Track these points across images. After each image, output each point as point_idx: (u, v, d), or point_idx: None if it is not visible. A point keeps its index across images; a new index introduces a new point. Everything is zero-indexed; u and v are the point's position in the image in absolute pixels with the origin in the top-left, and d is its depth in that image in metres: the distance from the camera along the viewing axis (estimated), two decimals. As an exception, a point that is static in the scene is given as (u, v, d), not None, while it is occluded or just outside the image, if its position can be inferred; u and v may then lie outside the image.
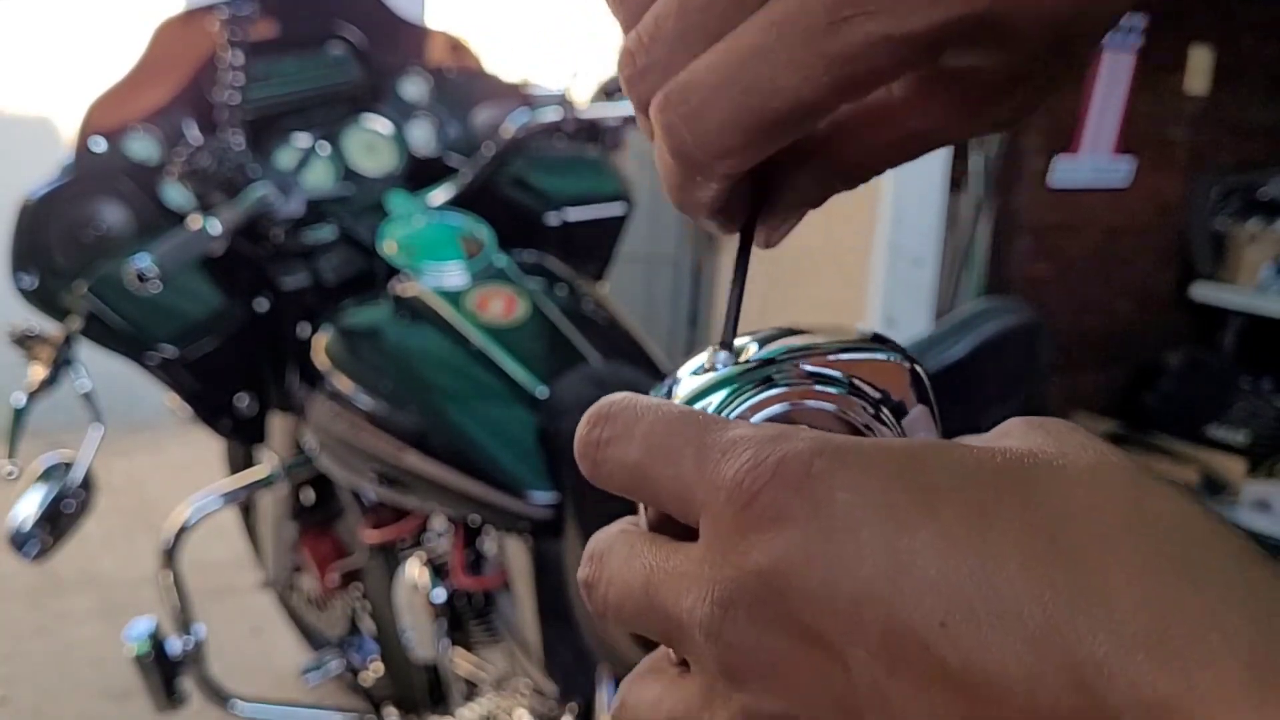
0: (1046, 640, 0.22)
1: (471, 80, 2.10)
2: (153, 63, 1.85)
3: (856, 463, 0.26)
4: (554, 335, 1.61)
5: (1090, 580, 0.23)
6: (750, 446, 0.27)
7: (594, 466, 0.31)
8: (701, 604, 0.26)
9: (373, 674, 2.14)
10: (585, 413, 0.32)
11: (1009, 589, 0.23)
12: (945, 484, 0.25)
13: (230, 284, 1.79)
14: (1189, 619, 0.21)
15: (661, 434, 0.29)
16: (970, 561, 0.23)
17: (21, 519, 1.72)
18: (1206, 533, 0.23)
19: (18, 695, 2.64)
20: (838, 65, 0.26)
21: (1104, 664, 0.22)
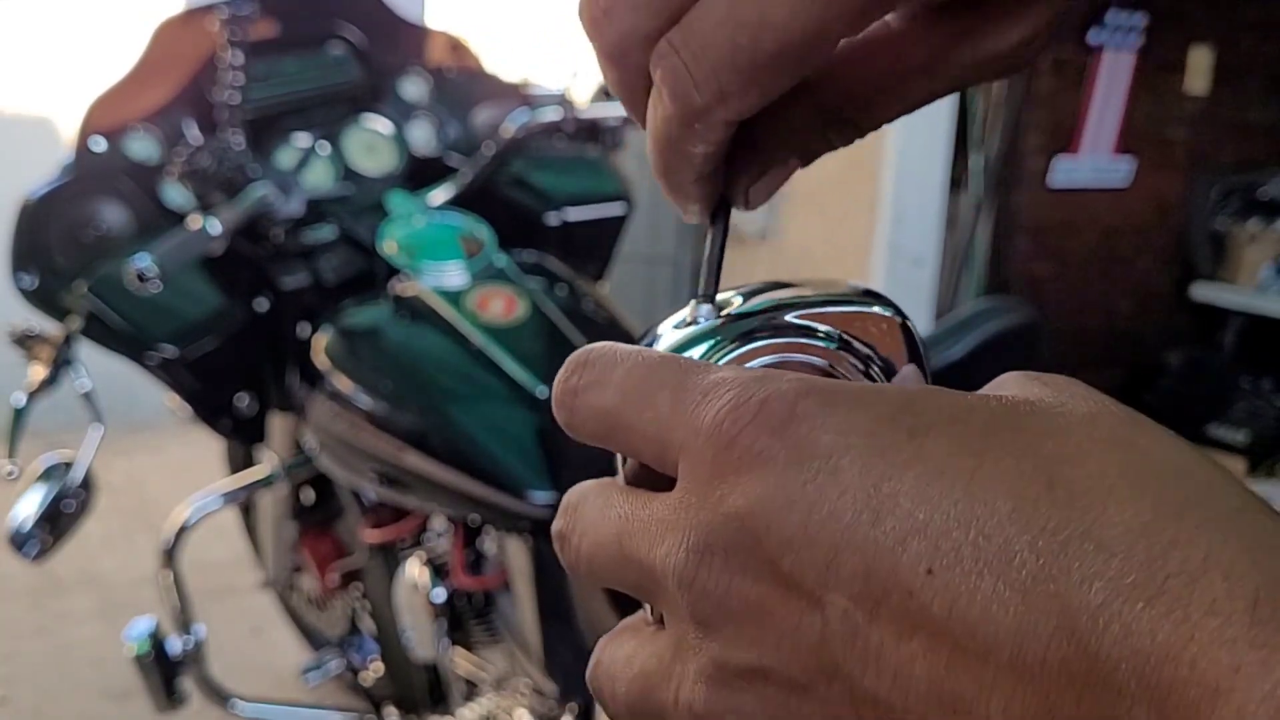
0: (1038, 588, 0.21)
1: (471, 80, 2.10)
2: (153, 62, 1.85)
3: (844, 404, 0.25)
4: (554, 335, 1.61)
5: (1086, 525, 0.21)
6: (732, 388, 0.26)
7: (569, 414, 0.30)
8: (676, 551, 0.25)
9: (373, 674, 2.14)
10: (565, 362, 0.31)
11: (999, 534, 0.22)
12: (935, 425, 0.24)
13: (230, 284, 1.79)
14: (1190, 565, 0.20)
15: (639, 378, 0.28)
16: (960, 505, 0.22)
17: (21, 519, 1.73)
18: (1207, 479, 0.22)
19: (18, 695, 2.64)
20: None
21: (1099, 613, 0.21)
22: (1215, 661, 0.19)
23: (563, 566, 0.31)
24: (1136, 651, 0.20)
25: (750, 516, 0.24)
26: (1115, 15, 3.51)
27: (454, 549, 1.63)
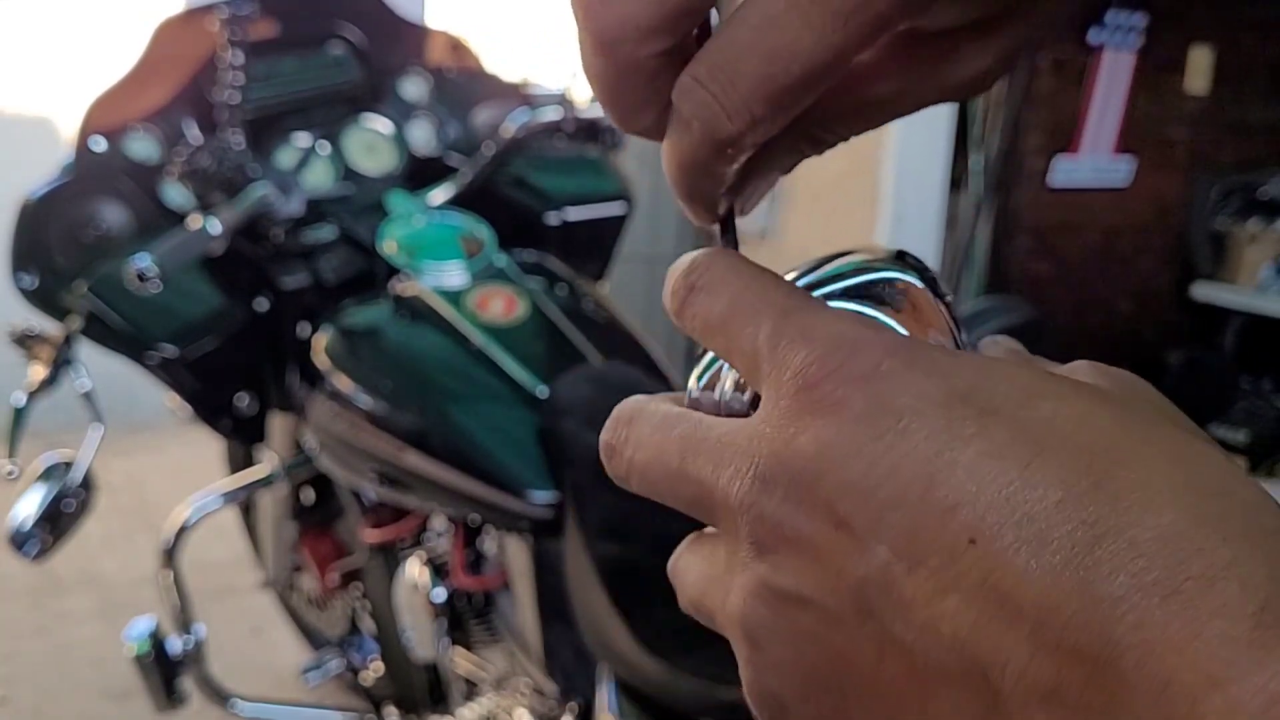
0: (1067, 572, 0.23)
1: (471, 80, 2.11)
2: (152, 62, 1.86)
3: (925, 368, 0.26)
4: (554, 335, 1.62)
5: (1123, 525, 0.23)
6: (827, 336, 0.27)
7: (680, 307, 0.31)
8: (743, 475, 0.27)
9: (373, 674, 2.14)
10: (678, 262, 0.32)
11: (1043, 519, 0.23)
12: (1004, 408, 0.25)
13: (230, 284, 1.80)
14: (1209, 571, 0.22)
15: (753, 296, 0.29)
16: (1012, 488, 0.24)
17: (22, 519, 1.73)
18: (1247, 499, 0.23)
19: (18, 695, 2.65)
20: (849, 18, 0.27)
21: (1119, 603, 0.22)
22: (1214, 656, 0.21)
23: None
24: (1146, 641, 0.22)
25: (818, 458, 0.26)
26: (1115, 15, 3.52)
27: (454, 549, 1.63)
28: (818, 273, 0.33)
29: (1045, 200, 3.62)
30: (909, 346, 0.27)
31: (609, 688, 1.44)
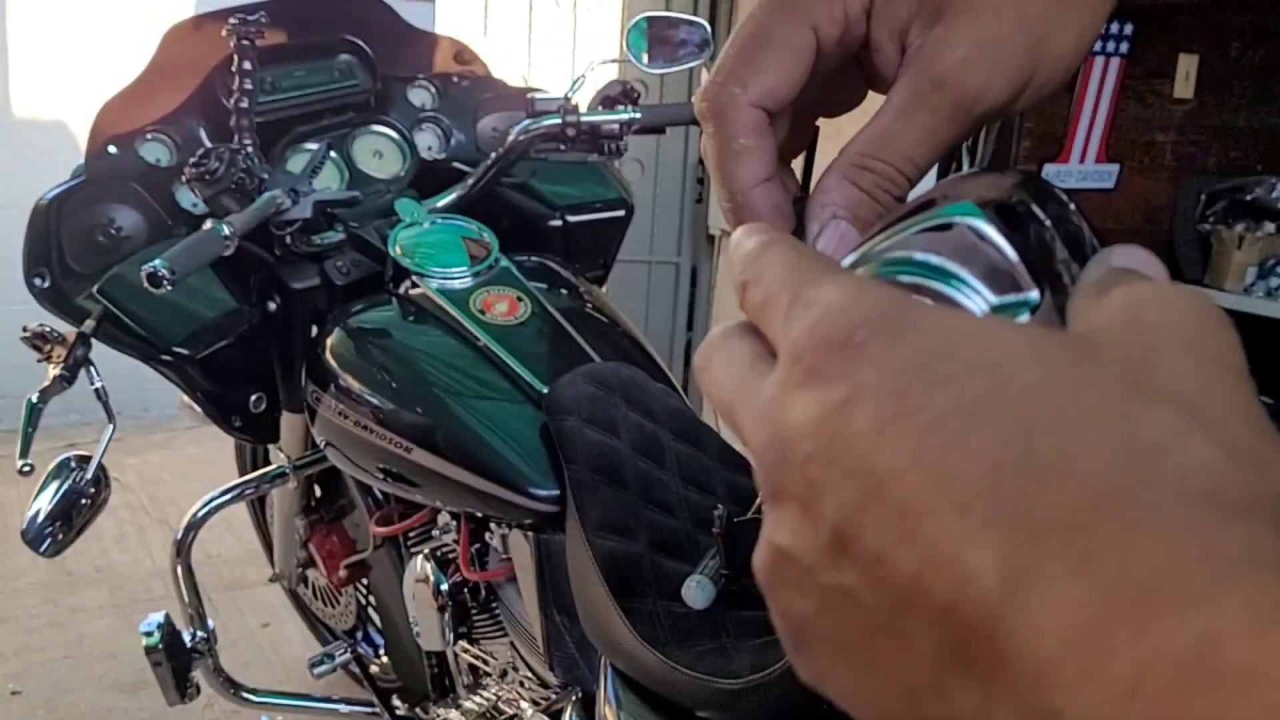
0: (980, 537, 0.23)
1: (477, 87, 2.12)
2: (163, 68, 1.87)
3: (892, 336, 0.26)
4: (556, 336, 1.64)
5: (1034, 499, 0.23)
6: (819, 307, 0.28)
7: (741, 303, 0.34)
8: (757, 439, 0.30)
9: (380, 666, 2.17)
10: (742, 248, 0.35)
11: (963, 493, 0.24)
12: (954, 379, 0.25)
13: (241, 286, 1.81)
14: (1096, 550, 0.22)
15: (777, 280, 0.31)
16: (942, 463, 0.24)
17: (36, 515, 1.75)
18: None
19: (31, 689, 2.67)
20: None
21: (1006, 581, 0.22)
22: (1080, 643, 0.21)
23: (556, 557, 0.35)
24: (1024, 623, 0.22)
25: (795, 429, 0.27)
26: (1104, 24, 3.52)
27: (460, 543, 1.65)
28: (883, 233, 0.35)
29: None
30: (886, 313, 0.27)
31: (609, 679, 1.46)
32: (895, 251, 0.33)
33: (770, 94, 0.41)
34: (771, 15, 0.41)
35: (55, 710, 2.59)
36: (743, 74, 0.41)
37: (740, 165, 0.42)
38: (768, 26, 0.41)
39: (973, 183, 0.34)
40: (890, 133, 0.40)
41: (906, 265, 0.32)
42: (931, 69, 0.39)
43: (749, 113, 0.41)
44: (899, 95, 0.40)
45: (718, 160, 0.42)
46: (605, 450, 1.40)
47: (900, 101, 0.40)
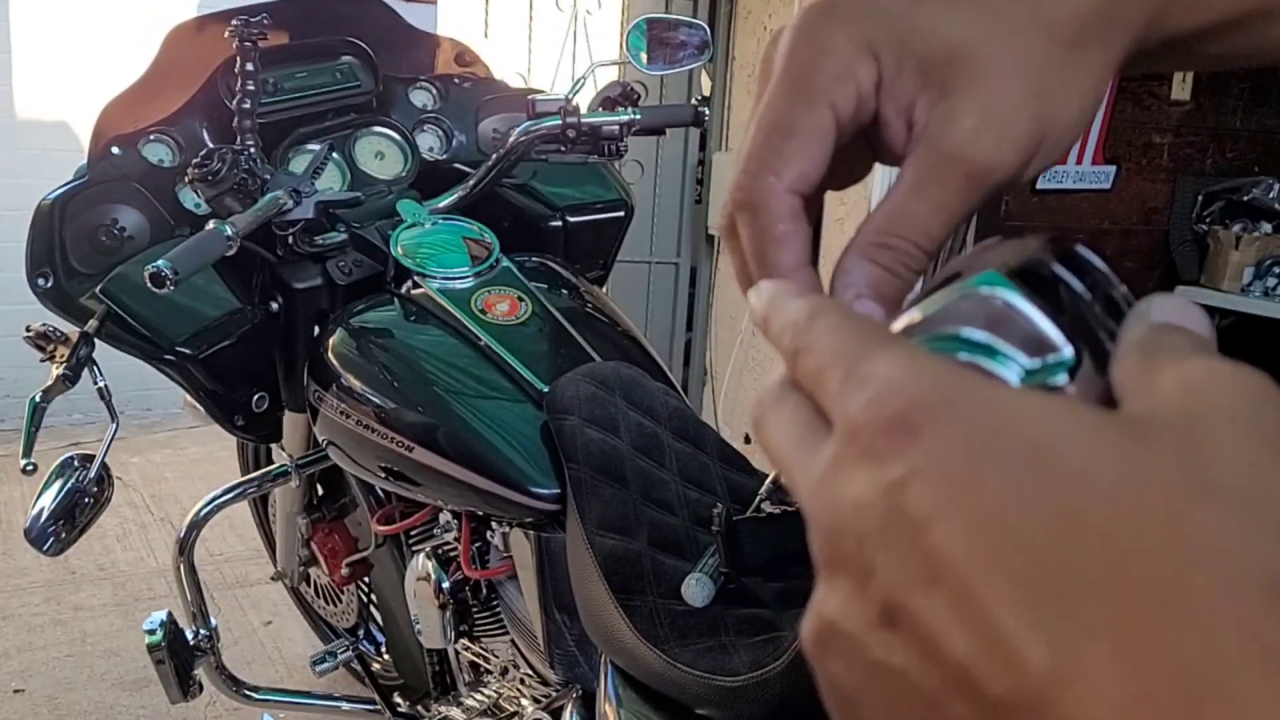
0: (990, 631, 0.24)
1: (478, 88, 2.13)
2: (165, 69, 1.87)
3: (944, 421, 0.27)
4: (557, 335, 1.64)
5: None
6: (874, 384, 0.29)
7: (793, 372, 0.34)
8: (810, 506, 0.30)
9: (382, 663, 2.17)
10: (787, 314, 0.35)
11: (997, 589, 0.24)
12: (1004, 466, 0.25)
13: (244, 286, 1.82)
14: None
15: (829, 353, 0.31)
16: (986, 555, 0.25)
17: (39, 514, 1.76)
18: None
19: (35, 687, 2.68)
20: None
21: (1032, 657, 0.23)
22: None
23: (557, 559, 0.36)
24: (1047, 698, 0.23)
25: (850, 505, 0.28)
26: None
27: (461, 542, 1.65)
28: (922, 303, 0.35)
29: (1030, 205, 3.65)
30: (940, 392, 0.27)
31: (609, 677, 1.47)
32: (933, 328, 0.33)
33: (803, 179, 0.41)
34: (791, 101, 0.41)
35: (58, 708, 2.60)
36: (775, 163, 0.41)
37: (782, 252, 0.42)
38: (789, 113, 0.41)
39: (997, 251, 0.35)
40: (905, 209, 0.40)
41: (944, 341, 0.32)
42: (941, 143, 0.40)
43: (786, 200, 0.41)
44: (910, 171, 0.40)
45: (757, 249, 0.42)
46: (605, 449, 1.41)
47: (912, 177, 0.40)
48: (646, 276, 3.98)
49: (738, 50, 3.83)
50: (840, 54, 0.40)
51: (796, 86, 0.41)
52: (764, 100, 0.42)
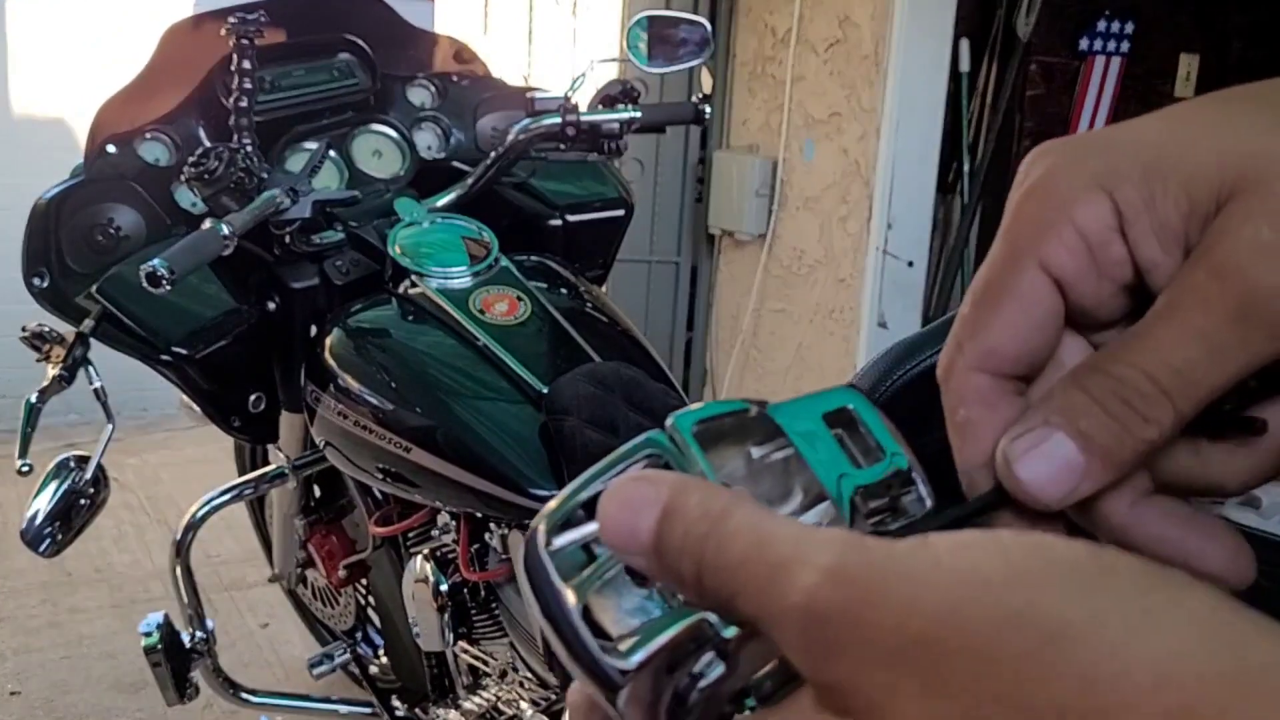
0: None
1: (477, 86, 2.12)
2: (162, 67, 1.86)
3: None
4: (556, 335, 1.64)
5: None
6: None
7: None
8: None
9: (379, 666, 2.17)
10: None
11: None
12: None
13: (240, 285, 1.81)
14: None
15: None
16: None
17: (35, 516, 1.75)
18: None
19: (31, 689, 2.67)
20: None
21: None
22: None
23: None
24: None
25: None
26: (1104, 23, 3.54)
27: (459, 543, 1.65)
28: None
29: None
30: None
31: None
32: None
33: (992, 356, 0.34)
34: (1000, 261, 0.34)
35: (55, 710, 2.59)
36: (962, 334, 0.35)
37: (962, 442, 0.35)
38: (997, 276, 0.34)
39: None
40: (1144, 333, 0.32)
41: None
42: (1209, 255, 0.31)
43: (969, 379, 0.35)
44: (1166, 292, 0.32)
45: (949, 433, 0.36)
46: (605, 450, 1.40)
47: (1166, 298, 0.32)
48: (646, 276, 3.97)
49: (738, 47, 3.82)
50: (1054, 198, 0.33)
51: (1006, 244, 0.34)
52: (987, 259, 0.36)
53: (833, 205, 3.51)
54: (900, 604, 0.25)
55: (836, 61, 3.43)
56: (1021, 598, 0.24)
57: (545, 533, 0.31)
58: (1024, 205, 0.34)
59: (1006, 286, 0.34)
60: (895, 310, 3.42)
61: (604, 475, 0.32)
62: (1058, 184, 0.33)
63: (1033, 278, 0.33)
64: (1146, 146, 0.33)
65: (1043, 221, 0.33)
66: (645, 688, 0.29)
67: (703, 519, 0.28)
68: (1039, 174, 0.34)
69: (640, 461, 0.33)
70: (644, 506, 0.29)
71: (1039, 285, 0.33)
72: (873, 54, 3.30)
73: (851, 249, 3.45)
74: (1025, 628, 0.24)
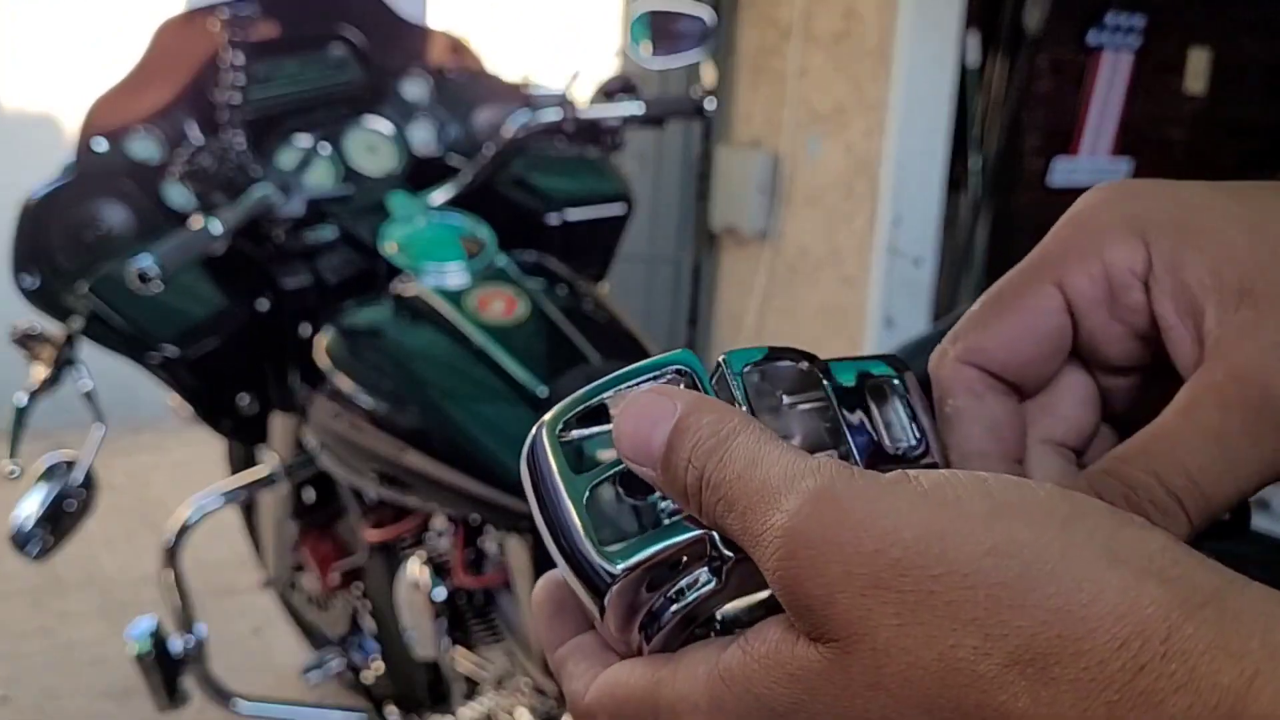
0: None
1: (472, 80, 2.11)
2: (153, 63, 1.86)
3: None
4: (554, 335, 1.62)
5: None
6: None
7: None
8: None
9: (374, 673, 2.15)
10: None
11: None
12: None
13: (231, 284, 1.80)
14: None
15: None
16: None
17: (23, 518, 1.74)
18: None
19: (19, 695, 2.65)
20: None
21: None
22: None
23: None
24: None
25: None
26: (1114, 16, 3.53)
27: (455, 548, 1.64)
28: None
29: (1044, 201, 3.62)
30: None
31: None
32: None
33: (982, 352, 0.36)
34: (1020, 272, 0.37)
35: (44, 716, 2.57)
36: (960, 330, 0.37)
37: (950, 432, 0.36)
38: (1012, 284, 0.37)
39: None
40: (1160, 434, 0.32)
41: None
42: (1229, 357, 0.32)
43: (958, 371, 0.36)
44: (1185, 391, 0.33)
45: (939, 427, 0.37)
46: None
47: (1185, 398, 0.33)
48: (646, 274, 3.95)
49: (740, 40, 3.80)
50: (1089, 228, 0.35)
51: (1031, 259, 0.36)
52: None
53: (837, 202, 3.49)
54: (882, 530, 0.26)
55: (841, 55, 3.41)
56: (1000, 532, 0.26)
57: (553, 424, 0.32)
58: (1060, 230, 0.36)
59: (1018, 294, 0.36)
60: (902, 309, 3.40)
61: (627, 382, 0.32)
62: (1098, 216, 0.35)
63: (1046, 292, 0.36)
64: (1190, 210, 0.34)
65: (1073, 247, 0.35)
66: (629, 597, 0.30)
67: (711, 436, 0.30)
68: (1083, 205, 0.36)
69: (666, 375, 0.33)
70: (660, 419, 0.30)
71: (1049, 301, 0.36)
72: (878, 47, 3.28)
73: (857, 247, 3.43)
74: (1003, 559, 0.25)
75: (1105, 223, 0.35)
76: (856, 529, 0.26)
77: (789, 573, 0.27)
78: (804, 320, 3.64)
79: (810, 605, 0.27)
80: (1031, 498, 0.26)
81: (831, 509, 0.27)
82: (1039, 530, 0.25)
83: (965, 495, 0.27)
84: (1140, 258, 0.34)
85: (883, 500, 0.27)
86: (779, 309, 3.72)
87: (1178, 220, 0.34)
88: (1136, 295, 0.34)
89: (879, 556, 0.26)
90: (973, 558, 0.25)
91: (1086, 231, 0.35)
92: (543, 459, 0.32)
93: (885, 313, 3.38)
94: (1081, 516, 0.26)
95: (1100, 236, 0.35)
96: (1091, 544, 0.25)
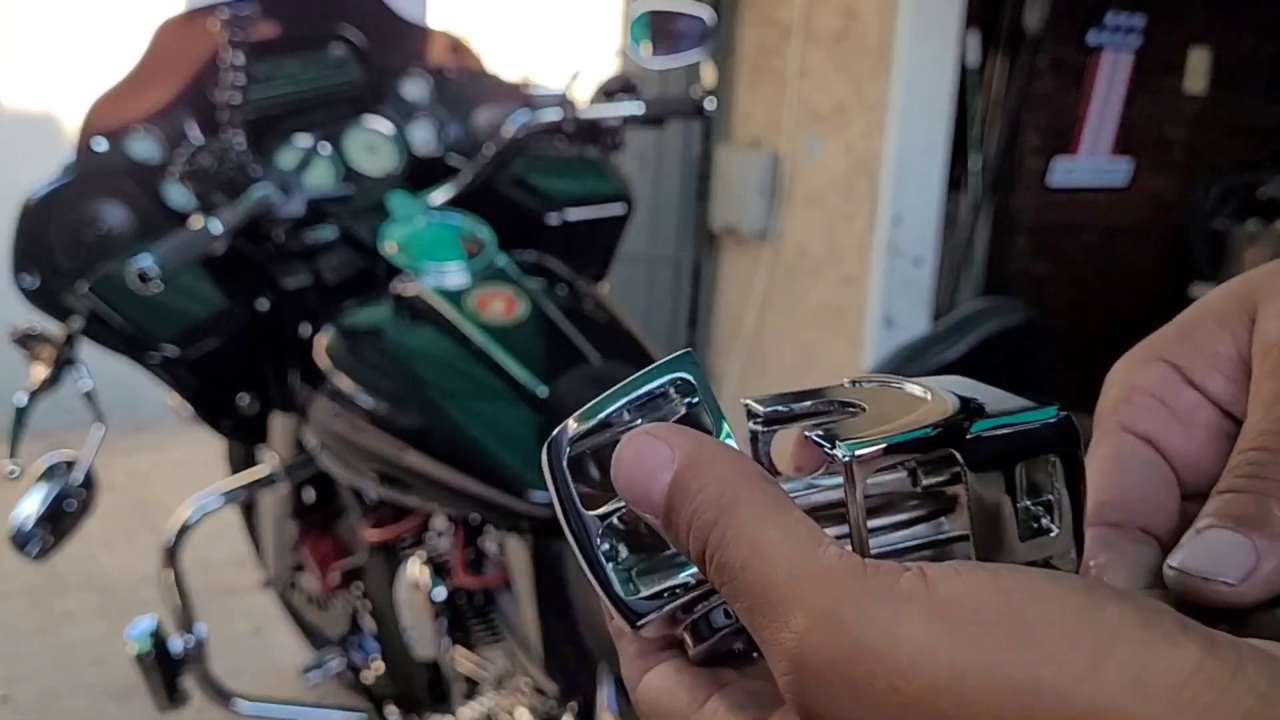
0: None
1: (472, 80, 2.11)
2: (154, 63, 1.86)
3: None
4: (554, 335, 1.62)
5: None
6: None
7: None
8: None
9: (374, 673, 2.15)
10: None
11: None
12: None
13: (231, 284, 1.80)
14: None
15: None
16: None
17: (24, 518, 1.74)
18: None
19: (20, 694, 2.65)
20: None
21: None
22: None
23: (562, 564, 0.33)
24: None
25: None
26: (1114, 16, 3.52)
27: (455, 548, 1.63)
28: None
29: (1044, 201, 3.62)
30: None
31: (609, 687, 1.44)
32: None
33: (1102, 507, 0.35)
34: (1091, 441, 0.36)
35: (45, 716, 2.57)
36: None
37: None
38: (1089, 452, 0.36)
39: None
40: (1245, 424, 0.33)
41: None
42: (1270, 353, 0.33)
43: (1091, 534, 0.35)
44: (1250, 397, 0.34)
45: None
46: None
47: (1251, 392, 0.34)
48: (646, 274, 3.95)
49: (740, 40, 3.80)
50: (1117, 377, 0.37)
51: (1093, 426, 0.37)
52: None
53: (837, 202, 3.49)
54: (896, 666, 0.25)
55: (841, 55, 3.41)
56: (1025, 670, 0.25)
57: (564, 447, 0.32)
58: (1102, 397, 0.37)
59: (1095, 452, 0.36)
60: (902, 309, 3.40)
61: (629, 395, 0.32)
62: (1121, 367, 0.37)
63: (1118, 437, 0.36)
64: (1176, 324, 0.37)
65: (1115, 399, 0.36)
66: (660, 627, 0.31)
67: (712, 505, 0.29)
68: (1111, 373, 0.38)
69: (667, 386, 0.32)
70: (658, 468, 0.29)
71: (1125, 440, 0.36)
72: (878, 47, 3.28)
73: (857, 246, 3.42)
74: (1027, 700, 0.24)
75: (1127, 367, 0.37)
76: (870, 662, 0.25)
77: (798, 696, 0.27)
78: (804, 320, 3.64)
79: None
80: (1058, 618, 0.25)
81: (843, 639, 0.26)
82: (1063, 666, 0.25)
83: (986, 613, 0.25)
84: (1165, 367, 0.36)
85: (898, 626, 0.26)
86: (779, 309, 3.72)
87: (1175, 329, 0.37)
88: (1189, 394, 0.36)
89: (894, 695, 0.25)
90: (995, 698, 0.25)
91: (1117, 382, 0.37)
92: (564, 489, 0.31)
93: (885, 313, 3.38)
94: (1111, 646, 0.25)
95: (1128, 377, 0.37)
96: (1121, 679, 0.24)
